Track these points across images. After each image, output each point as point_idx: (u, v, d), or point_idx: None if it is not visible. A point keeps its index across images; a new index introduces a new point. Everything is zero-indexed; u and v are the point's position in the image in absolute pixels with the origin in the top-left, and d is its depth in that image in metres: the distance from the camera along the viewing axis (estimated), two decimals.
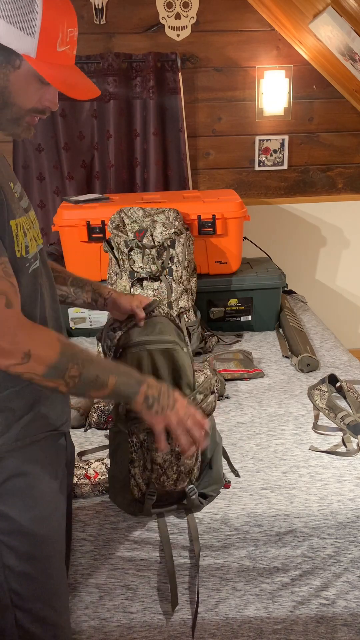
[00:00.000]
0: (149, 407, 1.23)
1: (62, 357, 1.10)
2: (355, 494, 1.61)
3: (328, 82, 3.51)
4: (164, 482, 1.50)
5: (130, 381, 1.21)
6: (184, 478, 1.52)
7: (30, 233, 1.16)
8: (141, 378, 1.23)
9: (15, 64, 1.07)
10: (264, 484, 1.67)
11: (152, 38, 3.38)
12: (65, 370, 1.10)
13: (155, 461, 1.47)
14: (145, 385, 1.22)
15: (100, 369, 1.16)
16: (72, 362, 1.11)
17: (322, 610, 1.58)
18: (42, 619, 1.25)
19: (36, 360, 1.07)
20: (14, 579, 1.20)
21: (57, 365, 1.09)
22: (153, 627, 1.58)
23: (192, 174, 3.55)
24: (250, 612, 1.57)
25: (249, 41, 3.43)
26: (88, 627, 1.57)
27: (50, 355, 1.09)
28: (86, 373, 1.13)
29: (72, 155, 3.39)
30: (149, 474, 1.49)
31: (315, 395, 2.10)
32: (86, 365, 1.13)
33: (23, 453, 1.20)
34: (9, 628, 1.23)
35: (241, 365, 2.36)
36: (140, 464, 1.49)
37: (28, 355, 1.06)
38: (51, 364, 1.09)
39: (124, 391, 1.20)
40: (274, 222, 3.69)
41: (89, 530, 1.55)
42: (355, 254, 3.81)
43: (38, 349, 1.08)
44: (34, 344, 1.08)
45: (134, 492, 1.52)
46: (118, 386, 1.18)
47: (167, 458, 1.48)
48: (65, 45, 1.09)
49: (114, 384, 1.17)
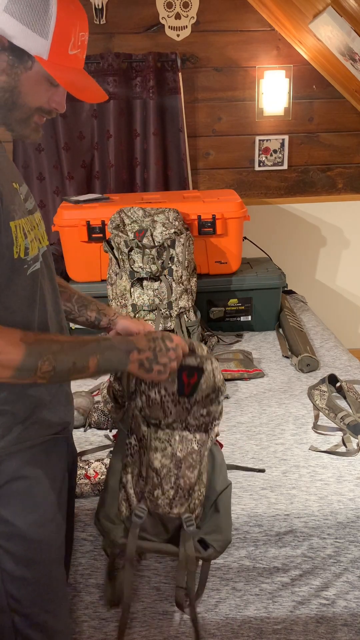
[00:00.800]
0: (147, 370, 1.22)
1: (28, 357, 1.08)
2: (355, 494, 1.61)
3: (328, 82, 3.51)
4: (157, 499, 1.35)
5: (116, 355, 1.19)
6: (182, 499, 1.36)
7: (31, 235, 1.16)
8: (129, 346, 1.21)
9: (27, 65, 1.08)
10: (264, 484, 1.67)
11: (152, 38, 3.38)
12: (34, 369, 1.09)
13: (151, 465, 1.35)
14: (136, 352, 1.20)
15: (77, 354, 1.14)
16: (42, 359, 1.09)
17: (322, 610, 1.58)
18: (41, 623, 1.24)
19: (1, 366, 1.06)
20: (12, 583, 1.20)
21: (23, 366, 1.08)
22: (153, 627, 1.58)
23: (192, 174, 3.55)
24: (250, 612, 1.57)
25: (249, 41, 3.43)
26: (88, 627, 1.57)
27: (13, 358, 1.07)
28: (60, 364, 1.12)
29: (72, 155, 3.39)
30: (142, 485, 1.37)
31: (315, 395, 2.10)
32: (59, 357, 1.11)
33: (23, 456, 1.19)
34: (7, 633, 1.22)
35: (241, 365, 2.36)
36: (135, 470, 1.38)
37: None
38: (17, 366, 1.07)
39: (110, 366, 1.20)
40: (274, 222, 3.69)
41: (89, 530, 1.55)
42: (355, 254, 3.81)
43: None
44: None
45: (122, 508, 1.38)
46: (101, 364, 1.17)
47: (166, 464, 1.36)
48: (76, 49, 1.11)
49: (96, 364, 1.16)
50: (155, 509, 1.36)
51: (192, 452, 1.38)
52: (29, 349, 1.08)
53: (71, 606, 1.55)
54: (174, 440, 1.36)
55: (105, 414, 1.95)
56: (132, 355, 1.20)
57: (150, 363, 1.22)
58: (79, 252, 2.69)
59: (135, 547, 1.35)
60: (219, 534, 1.40)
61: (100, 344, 1.19)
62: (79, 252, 2.69)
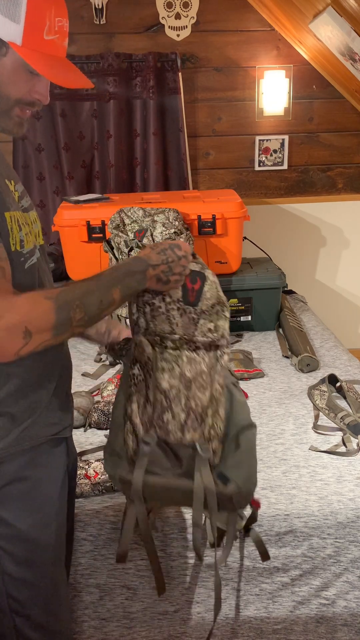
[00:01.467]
0: (165, 283, 1.22)
1: (60, 311, 1.05)
2: (355, 494, 1.61)
3: (328, 82, 3.51)
4: (167, 424, 1.21)
5: (134, 279, 1.18)
6: (194, 424, 1.21)
7: (26, 228, 1.14)
8: (143, 265, 1.19)
9: (1, 52, 1.06)
10: (264, 484, 1.67)
11: (152, 38, 3.38)
12: (69, 321, 1.07)
13: (159, 387, 1.22)
14: (151, 269, 1.20)
15: (100, 291, 1.13)
16: (72, 308, 1.07)
17: (322, 610, 1.58)
18: (41, 625, 1.24)
19: (37, 332, 1.03)
20: (13, 585, 1.20)
21: (58, 321, 1.05)
22: (153, 627, 1.58)
23: (192, 174, 3.55)
24: (250, 612, 1.57)
25: (249, 41, 3.43)
26: (88, 627, 1.57)
27: (47, 318, 1.04)
28: (89, 308, 1.10)
29: (72, 155, 3.39)
30: (150, 413, 1.21)
31: (315, 395, 2.10)
32: (85, 301, 1.09)
33: (23, 458, 1.18)
34: (8, 634, 1.22)
35: (241, 365, 2.36)
36: (141, 400, 1.23)
37: (28, 332, 1.02)
38: (53, 324, 1.05)
39: (132, 291, 1.19)
40: (274, 222, 3.69)
41: (89, 530, 1.55)
42: (355, 254, 3.81)
43: (33, 322, 1.03)
44: (29, 319, 1.02)
45: (129, 441, 1.23)
46: (124, 292, 1.16)
47: (174, 384, 1.22)
48: (53, 34, 1.08)
49: (120, 294, 1.15)
50: (166, 435, 1.22)
51: (201, 372, 1.24)
52: (57, 303, 1.06)
53: (71, 606, 1.55)
54: (181, 361, 1.26)
55: (105, 413, 1.94)
56: (148, 273, 1.19)
57: (166, 275, 1.21)
58: (79, 252, 2.69)
59: (141, 479, 1.19)
60: (241, 470, 1.22)
61: (117, 273, 1.18)
62: (79, 252, 2.69)
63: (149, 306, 1.26)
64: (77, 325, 1.08)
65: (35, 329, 1.02)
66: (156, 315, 1.26)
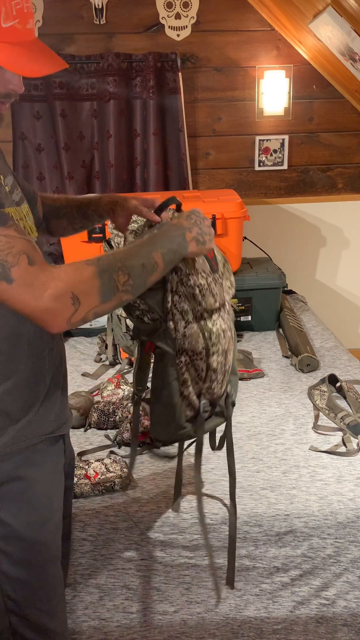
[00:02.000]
0: (202, 243, 1.23)
1: (103, 276, 1.05)
2: (355, 494, 1.61)
3: (328, 82, 3.51)
4: (214, 390, 1.39)
5: (175, 242, 1.18)
6: (226, 378, 1.43)
7: (20, 224, 1.12)
8: (180, 230, 1.20)
9: None
10: (264, 484, 1.67)
11: (152, 38, 3.38)
12: (115, 284, 1.06)
13: (210, 367, 1.35)
14: (188, 232, 1.21)
15: (141, 256, 1.12)
16: (115, 272, 1.06)
17: (322, 610, 1.58)
18: (37, 624, 1.24)
19: (84, 297, 1.02)
20: (9, 584, 1.19)
21: (104, 286, 1.05)
22: (153, 627, 1.58)
23: (192, 174, 3.55)
24: (250, 612, 1.57)
25: (249, 41, 3.43)
26: (88, 627, 1.57)
27: (93, 283, 1.04)
28: (132, 270, 1.09)
29: (72, 155, 3.39)
30: (200, 385, 1.37)
31: (315, 395, 2.10)
32: (127, 264, 1.09)
33: (20, 457, 1.18)
34: (4, 634, 1.22)
35: (241, 365, 2.36)
36: (193, 380, 1.36)
37: (75, 298, 1.01)
38: (99, 289, 1.04)
39: (175, 255, 1.18)
40: (274, 222, 3.69)
41: (89, 530, 1.55)
42: (355, 254, 3.81)
43: (79, 286, 1.02)
44: (73, 284, 1.02)
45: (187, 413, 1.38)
46: (166, 256, 1.15)
47: (220, 361, 1.37)
48: (11, 20, 1.01)
49: (162, 258, 1.14)
50: (212, 398, 1.40)
51: (230, 336, 1.40)
52: (99, 267, 1.05)
53: (71, 606, 1.55)
54: (220, 337, 1.36)
55: (105, 413, 1.95)
56: (187, 236, 1.20)
57: (202, 236, 1.22)
58: (79, 252, 2.69)
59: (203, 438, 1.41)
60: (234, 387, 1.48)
61: (156, 239, 1.18)
62: (79, 252, 2.69)
63: (198, 288, 1.31)
64: (124, 291, 1.07)
65: (82, 294, 1.02)
66: (205, 294, 1.32)
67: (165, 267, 1.16)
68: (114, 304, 1.09)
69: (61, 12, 3.29)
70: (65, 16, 3.30)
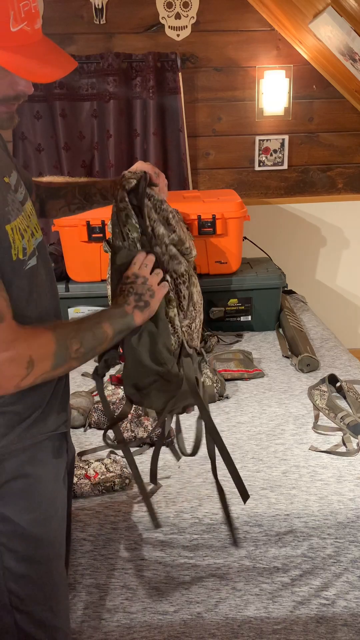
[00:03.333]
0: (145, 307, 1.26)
1: (59, 342, 1.09)
2: (355, 494, 1.61)
3: (328, 82, 3.51)
4: (192, 333, 1.41)
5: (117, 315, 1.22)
6: (198, 338, 1.45)
7: (27, 233, 1.14)
8: (120, 308, 1.23)
9: None
10: (264, 484, 1.67)
11: (152, 38, 3.38)
12: (68, 350, 1.10)
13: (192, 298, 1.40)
14: (126, 306, 1.24)
15: (90, 326, 1.17)
16: (69, 340, 1.11)
17: (322, 610, 1.58)
18: (41, 621, 1.25)
19: (39, 361, 1.06)
20: (13, 581, 1.20)
21: (58, 351, 1.09)
22: (153, 627, 1.58)
23: (192, 174, 3.55)
24: (250, 612, 1.57)
25: (249, 41, 3.43)
26: (88, 627, 1.57)
27: (49, 347, 1.08)
28: (84, 339, 1.14)
29: (72, 155, 3.39)
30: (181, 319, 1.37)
31: (315, 395, 2.10)
32: (79, 335, 1.14)
33: (24, 455, 1.19)
34: (9, 630, 1.23)
35: (241, 365, 2.36)
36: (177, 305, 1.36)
37: (31, 362, 1.05)
38: (54, 354, 1.08)
39: (124, 326, 1.23)
40: (274, 222, 3.69)
41: (89, 530, 1.55)
42: (355, 254, 3.81)
43: (37, 350, 1.07)
44: (32, 348, 1.06)
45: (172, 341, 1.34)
46: (115, 327, 1.20)
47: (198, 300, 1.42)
48: (20, 23, 1.00)
49: (111, 327, 1.19)
50: (190, 341, 1.39)
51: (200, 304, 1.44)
52: (55, 334, 1.10)
53: (71, 606, 1.55)
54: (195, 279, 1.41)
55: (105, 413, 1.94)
56: (128, 310, 1.24)
57: (141, 300, 1.25)
58: (79, 252, 2.69)
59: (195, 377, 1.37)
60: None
61: (101, 315, 1.22)
62: (78, 252, 2.69)
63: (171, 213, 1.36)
64: (74, 358, 1.12)
65: (37, 358, 1.05)
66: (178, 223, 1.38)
67: (115, 337, 1.20)
68: (62, 371, 1.13)
69: (61, 12, 3.29)
70: (65, 16, 3.30)
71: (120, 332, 1.22)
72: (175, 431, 1.56)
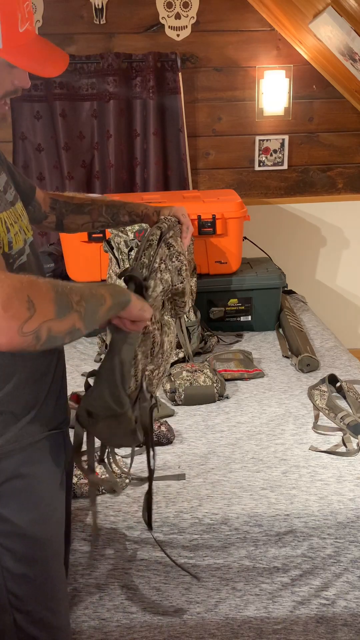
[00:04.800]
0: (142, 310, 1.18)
1: (58, 290, 0.97)
2: (355, 494, 1.61)
3: (328, 82, 3.51)
4: (154, 378, 1.37)
5: (121, 289, 1.18)
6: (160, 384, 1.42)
7: (15, 227, 1.13)
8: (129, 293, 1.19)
9: None
10: (264, 484, 1.67)
11: (152, 38, 3.38)
12: (69, 301, 0.98)
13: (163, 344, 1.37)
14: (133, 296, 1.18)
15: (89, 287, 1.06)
16: (67, 290, 0.99)
17: (322, 610, 1.58)
18: (41, 620, 1.25)
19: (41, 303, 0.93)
20: (12, 581, 1.20)
21: (59, 298, 0.96)
22: (153, 627, 1.58)
23: (192, 174, 3.55)
24: (250, 612, 1.57)
25: (249, 41, 3.43)
26: (88, 627, 1.57)
27: (48, 294, 0.95)
28: (84, 293, 1.02)
29: (72, 155, 3.39)
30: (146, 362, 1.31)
31: (315, 395, 2.10)
32: (78, 289, 1.02)
33: (22, 454, 1.19)
34: (8, 630, 1.23)
35: (241, 365, 2.36)
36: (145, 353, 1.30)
37: (31, 303, 0.91)
38: (55, 301, 0.95)
39: (122, 300, 1.14)
40: (274, 222, 3.69)
41: (89, 530, 1.55)
42: (355, 254, 3.81)
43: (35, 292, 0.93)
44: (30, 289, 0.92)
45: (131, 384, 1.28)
46: (114, 297, 1.11)
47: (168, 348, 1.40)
48: (25, 22, 1.05)
49: (110, 298, 1.09)
50: (149, 385, 1.33)
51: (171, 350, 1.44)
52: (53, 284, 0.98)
53: (71, 606, 1.55)
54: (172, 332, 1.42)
55: None
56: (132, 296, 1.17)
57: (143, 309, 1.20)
58: (79, 252, 2.69)
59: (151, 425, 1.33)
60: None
61: (98, 283, 1.14)
62: (79, 252, 2.69)
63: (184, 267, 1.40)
64: (77, 311, 0.99)
65: (37, 299, 0.92)
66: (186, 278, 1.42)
67: (112, 306, 1.10)
68: (69, 325, 0.98)
69: (61, 12, 3.29)
70: (65, 16, 3.30)
71: (118, 304, 1.12)
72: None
